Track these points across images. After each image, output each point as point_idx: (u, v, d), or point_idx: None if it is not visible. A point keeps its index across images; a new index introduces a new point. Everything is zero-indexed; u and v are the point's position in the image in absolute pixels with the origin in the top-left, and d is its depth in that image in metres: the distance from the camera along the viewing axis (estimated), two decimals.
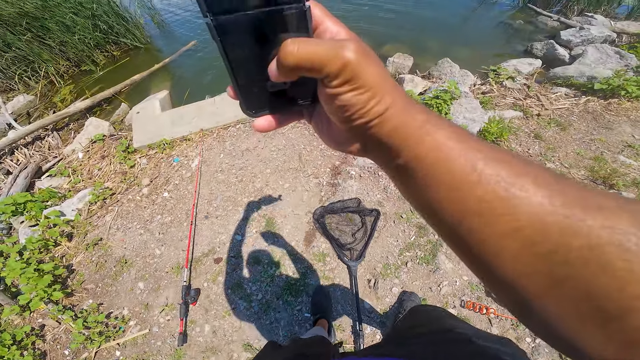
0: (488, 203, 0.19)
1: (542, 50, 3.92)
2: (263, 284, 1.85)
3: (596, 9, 5.19)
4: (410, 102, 0.24)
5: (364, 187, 2.25)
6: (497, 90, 3.14)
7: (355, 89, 0.21)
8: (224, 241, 2.08)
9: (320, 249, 1.96)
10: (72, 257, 2.15)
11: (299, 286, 1.82)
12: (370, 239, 1.93)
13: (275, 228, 2.09)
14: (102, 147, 2.90)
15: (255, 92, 0.26)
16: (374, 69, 0.22)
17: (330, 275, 1.85)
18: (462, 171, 0.20)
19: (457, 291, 1.72)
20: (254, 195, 2.29)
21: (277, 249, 1.99)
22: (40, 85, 4.18)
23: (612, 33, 4.11)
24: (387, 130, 0.23)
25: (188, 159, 2.66)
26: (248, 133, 2.80)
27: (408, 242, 1.94)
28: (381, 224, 2.03)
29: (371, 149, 0.25)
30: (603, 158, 2.31)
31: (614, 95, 2.88)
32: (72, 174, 2.72)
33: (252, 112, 0.28)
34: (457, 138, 0.22)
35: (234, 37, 0.22)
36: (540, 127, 2.67)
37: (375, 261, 1.89)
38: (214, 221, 2.19)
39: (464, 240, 0.21)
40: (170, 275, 1.97)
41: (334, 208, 2.10)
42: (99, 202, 2.43)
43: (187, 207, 2.30)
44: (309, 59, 0.20)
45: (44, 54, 4.23)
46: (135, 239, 2.18)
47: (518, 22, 5.02)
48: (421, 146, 0.22)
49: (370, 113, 0.22)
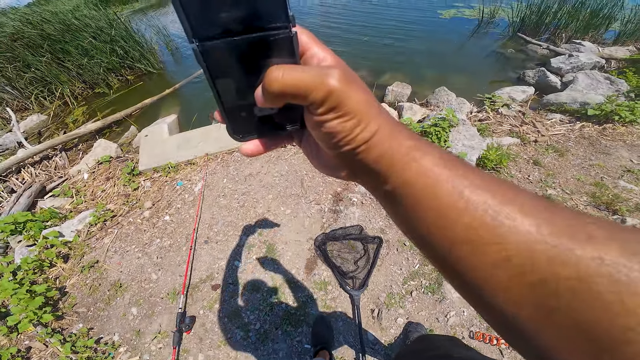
0: (476, 231, 0.19)
1: (534, 77, 4.09)
2: (262, 313, 1.78)
3: (584, 36, 5.50)
4: (398, 127, 0.24)
5: (365, 214, 2.24)
6: (494, 117, 3.23)
7: (340, 116, 0.21)
8: (222, 267, 2.03)
9: (322, 277, 1.91)
10: (66, 279, 2.10)
11: (299, 316, 1.75)
12: (373, 267, 1.88)
13: (276, 255, 2.05)
14: (108, 169, 2.94)
15: (242, 116, 0.26)
16: (359, 95, 0.22)
17: (331, 305, 1.79)
18: (449, 198, 0.21)
19: (466, 322, 1.65)
20: (255, 221, 2.28)
21: (277, 277, 1.94)
22: (55, 105, 4.35)
23: (601, 59, 4.30)
24: (373, 157, 0.23)
25: (191, 182, 2.68)
26: (252, 158, 2.84)
27: (412, 271, 1.90)
28: (384, 252, 2.00)
29: (359, 174, 0.26)
30: (604, 184, 2.32)
31: (608, 120, 2.97)
32: (75, 195, 2.73)
33: (239, 137, 0.28)
34: (444, 164, 0.22)
35: (220, 62, 0.22)
36: (539, 153, 2.71)
37: (378, 290, 1.83)
38: (213, 246, 2.16)
39: (453, 268, 0.21)
40: (166, 301, 1.90)
41: (335, 235, 2.08)
42: (99, 224, 2.42)
43: (188, 231, 2.28)
44: (293, 86, 0.21)
45: (62, 76, 4.46)
46: (132, 263, 2.14)
47: (509, 51, 5.30)
48: (408, 172, 0.22)
49: (356, 140, 0.22)
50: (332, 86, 0.20)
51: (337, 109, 0.21)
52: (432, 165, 0.22)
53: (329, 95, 0.21)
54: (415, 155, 0.22)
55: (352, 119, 0.22)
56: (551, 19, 5.67)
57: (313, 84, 0.20)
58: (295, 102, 0.22)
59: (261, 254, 2.07)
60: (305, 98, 0.21)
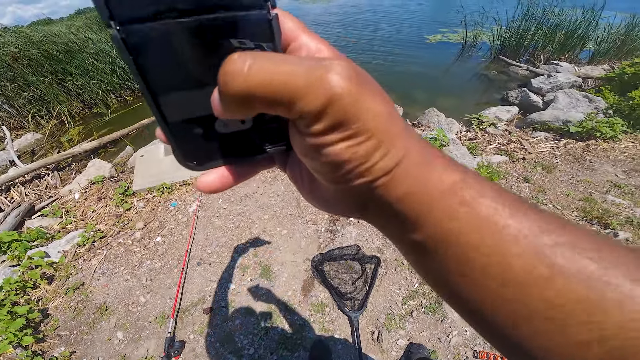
0: (562, 307, 0.14)
1: (517, 97, 4.31)
2: (256, 337, 1.70)
3: (561, 56, 5.88)
4: (432, 152, 0.18)
5: (362, 234, 2.23)
6: (482, 136, 3.36)
7: (350, 136, 0.15)
8: (215, 290, 1.96)
9: (319, 299, 1.86)
10: (49, 300, 2.00)
11: (295, 339, 1.68)
12: (371, 287, 1.85)
13: (272, 276, 2.00)
14: (100, 189, 2.90)
15: (196, 134, 0.19)
16: (378, 104, 0.15)
17: (330, 327, 1.72)
18: (523, 263, 0.15)
19: (468, 341, 1.61)
20: (250, 242, 2.24)
21: (273, 299, 1.88)
22: (51, 124, 4.36)
23: (578, 78, 4.59)
24: (398, 194, 0.16)
25: (186, 203, 2.65)
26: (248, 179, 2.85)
27: (411, 290, 1.86)
28: (382, 272, 1.97)
29: (373, 215, 0.19)
30: (592, 198, 2.39)
31: (590, 137, 3.11)
32: (65, 215, 2.66)
33: (194, 164, 0.20)
34: (510, 211, 0.16)
35: (158, 56, 0.15)
36: (527, 170, 2.79)
37: (378, 311, 1.78)
38: (206, 268, 2.10)
39: (517, 345, 0.16)
40: (154, 325, 1.81)
41: (332, 255, 2.05)
42: (87, 245, 2.34)
43: (180, 252, 2.22)
44: (270, 86, 0.13)
45: (61, 96, 4.50)
46: (120, 285, 2.05)
47: (492, 73, 5.63)
48: (454, 222, 0.16)
49: (373, 171, 0.16)
50: (337, 88, 0.13)
51: (345, 126, 0.14)
52: (493, 213, 0.16)
53: (331, 104, 0.14)
54: (464, 196, 0.16)
55: (369, 140, 0.15)
56: (529, 41, 6.11)
57: (303, 84, 0.13)
58: (274, 112, 0.15)
59: (256, 276, 2.01)
60: (290, 107, 0.14)
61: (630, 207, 2.27)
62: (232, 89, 0.13)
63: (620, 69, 4.23)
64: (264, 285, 1.95)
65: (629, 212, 2.22)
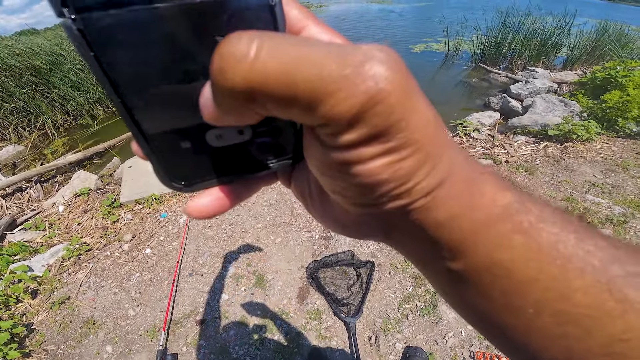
0: (628, 342, 0.12)
1: (498, 103, 4.50)
2: (251, 348, 1.67)
3: (537, 63, 6.19)
4: (475, 165, 0.15)
5: (356, 239, 2.24)
6: (467, 141, 3.48)
7: (393, 150, 0.11)
8: (208, 301, 1.92)
9: (315, 306, 1.85)
10: (33, 315, 1.92)
11: (292, 348, 1.65)
12: (367, 292, 1.85)
13: (266, 285, 1.98)
14: (85, 201, 2.81)
15: (183, 149, 0.15)
16: (426, 106, 0.12)
17: (326, 335, 1.71)
18: (589, 298, 0.13)
19: (465, 342, 1.63)
20: (243, 251, 2.22)
21: (268, 308, 1.85)
22: (34, 136, 4.21)
23: (553, 83, 4.83)
24: (438, 220, 0.14)
25: (176, 214, 2.60)
26: None
27: (406, 294, 1.88)
28: (377, 276, 1.98)
29: (401, 240, 0.16)
30: (573, 198, 2.50)
31: (568, 139, 3.27)
32: (48, 228, 2.56)
33: (181, 185, 0.16)
34: (575, 238, 0.13)
35: (126, 50, 0.12)
36: (511, 173, 2.90)
37: (374, 316, 1.78)
38: (198, 279, 2.06)
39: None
40: (144, 339, 1.75)
41: (327, 262, 2.05)
42: (72, 258, 2.26)
43: (171, 264, 2.17)
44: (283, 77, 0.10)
45: (44, 107, 4.36)
46: (108, 299, 1.98)
47: (474, 80, 5.86)
48: (506, 252, 0.13)
49: (413, 192, 0.13)
50: (384, 83, 0.10)
51: (388, 136, 0.11)
52: (555, 241, 0.13)
53: (375, 105, 0.10)
54: (521, 222, 0.13)
55: (414, 155, 0.12)
56: (507, 49, 6.41)
57: (334, 75, 0.10)
58: (287, 115, 0.11)
59: (250, 285, 1.98)
60: (311, 108, 0.10)
61: (609, 206, 2.39)
62: (231, 82, 0.10)
63: (592, 73, 4.47)
64: (259, 295, 1.92)
65: (608, 210, 2.33)
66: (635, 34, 6.26)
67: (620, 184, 2.65)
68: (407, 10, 17.35)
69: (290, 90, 0.10)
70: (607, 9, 17.17)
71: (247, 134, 0.16)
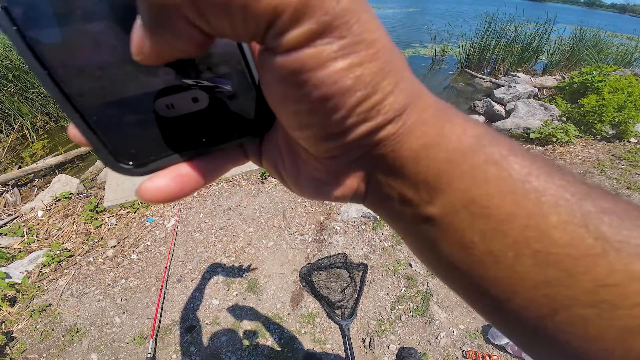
0: (615, 288, 0.12)
1: (483, 107, 4.64)
2: (244, 354, 1.63)
3: (518, 68, 6.45)
4: (441, 100, 0.15)
5: (349, 242, 2.25)
6: None
7: (348, 48, 0.11)
8: (198, 307, 1.87)
9: (309, 310, 1.83)
10: (12, 323, 1.83)
11: (286, 353, 1.63)
12: (360, 294, 1.86)
13: (259, 290, 1.95)
14: (66, 206, 2.68)
15: (128, 123, 0.14)
16: (371, 10, 0.11)
17: (321, 338, 1.70)
18: (568, 235, 0.12)
19: (457, 341, 1.66)
20: (234, 256, 2.17)
21: (261, 313, 1.82)
22: (11, 138, 4.00)
23: (534, 88, 5.02)
24: (413, 148, 0.13)
25: (164, 219, 2.53)
26: (231, 192, 2.79)
27: (399, 295, 1.90)
28: (370, 278, 1.99)
29: (378, 190, 0.15)
30: None
31: (548, 142, 3.39)
32: (26, 234, 2.43)
33: (130, 166, 0.15)
34: (546, 171, 0.13)
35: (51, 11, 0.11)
36: None
37: (368, 318, 1.79)
38: (188, 285, 2.00)
39: (550, 336, 0.13)
40: (131, 347, 1.69)
41: (320, 265, 2.05)
42: (53, 265, 2.16)
43: (158, 270, 2.10)
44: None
45: (23, 108, 4.15)
46: (92, 306, 1.90)
47: (460, 85, 6.03)
48: (482, 186, 0.13)
49: (383, 108, 0.12)
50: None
51: (340, 31, 0.10)
52: (527, 174, 0.13)
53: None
54: (493, 152, 0.13)
55: (373, 62, 0.11)
56: (491, 54, 6.64)
57: None
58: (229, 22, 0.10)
59: (242, 290, 1.95)
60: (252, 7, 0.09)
61: None
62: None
63: (570, 78, 4.67)
64: (251, 300, 1.89)
65: None
66: (610, 40, 6.62)
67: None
68: (396, 15, 17.70)
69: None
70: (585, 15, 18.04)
71: (202, 102, 0.14)
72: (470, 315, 1.77)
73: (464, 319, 1.76)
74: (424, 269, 2.03)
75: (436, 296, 1.87)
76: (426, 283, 1.94)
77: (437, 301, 1.84)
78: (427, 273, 2.00)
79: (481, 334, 1.68)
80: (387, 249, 2.18)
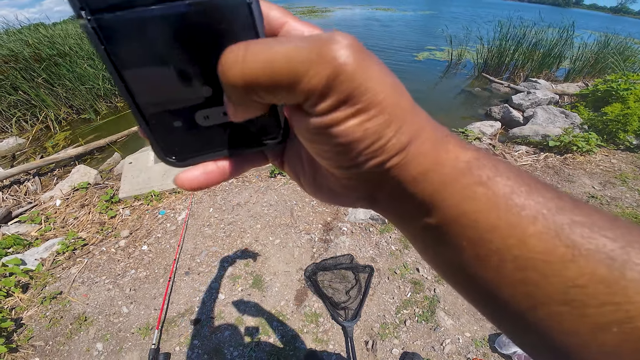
0: (583, 289, 0.14)
1: (500, 113, 4.52)
2: (246, 349, 1.64)
3: (539, 74, 6.24)
4: (441, 129, 0.17)
5: (356, 243, 2.23)
6: None
7: (361, 111, 0.14)
8: (204, 300, 1.90)
9: (313, 309, 1.82)
10: (23, 310, 1.89)
11: (288, 351, 1.63)
12: (365, 296, 1.83)
13: (263, 286, 1.96)
14: (83, 196, 2.79)
15: (177, 127, 0.18)
16: (382, 74, 0.14)
17: (323, 338, 1.69)
18: (542, 244, 0.14)
19: (462, 349, 1.61)
20: (242, 251, 2.19)
21: (265, 309, 1.83)
22: (35, 129, 4.20)
23: (555, 95, 4.85)
24: (413, 174, 0.16)
25: (175, 211, 2.59)
26: (240, 187, 2.82)
27: (404, 299, 1.86)
28: (375, 281, 1.97)
29: (384, 201, 0.18)
30: None
31: (568, 150, 3.27)
32: (44, 222, 2.53)
33: (173, 160, 0.19)
34: (526, 190, 0.15)
35: (131, 45, 0.15)
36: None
37: (371, 320, 1.76)
38: (195, 278, 2.04)
39: (532, 329, 0.15)
40: (137, 337, 1.72)
41: (326, 265, 2.04)
42: (67, 253, 2.23)
43: (167, 262, 2.15)
44: (268, 67, 0.13)
45: (49, 100, 4.35)
46: (101, 295, 1.95)
47: (476, 89, 5.90)
48: (470, 203, 0.15)
49: (386, 149, 0.15)
50: (342, 57, 0.13)
51: (354, 100, 0.14)
52: (510, 192, 0.15)
53: (338, 76, 0.13)
54: (480, 175, 0.15)
55: (380, 115, 0.14)
56: (510, 59, 6.47)
57: (305, 59, 0.13)
58: (277, 99, 0.14)
59: (247, 286, 1.96)
60: (293, 88, 0.13)
61: None
62: (232, 80, 0.14)
63: (594, 86, 4.50)
64: (256, 296, 1.90)
65: None
66: (638, 47, 6.33)
67: (618, 196, 2.65)
68: (411, 18, 17.54)
69: (272, 78, 0.13)
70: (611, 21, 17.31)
71: None
72: (478, 324, 1.71)
73: (471, 327, 1.71)
74: (431, 274, 1.99)
75: (443, 302, 1.82)
76: (433, 289, 1.90)
77: (444, 307, 1.79)
78: (434, 279, 1.96)
79: (487, 343, 1.63)
80: (394, 253, 2.15)
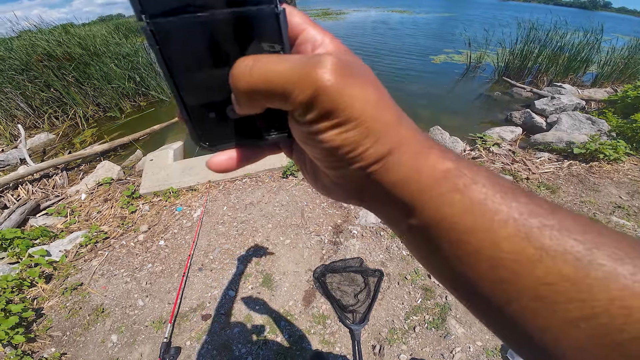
0: (551, 287, 0.15)
1: (521, 118, 4.34)
2: (254, 347, 1.67)
3: (564, 79, 5.96)
4: (427, 142, 0.19)
5: (366, 247, 2.22)
6: (486, 155, 3.38)
7: (340, 124, 0.16)
8: (215, 296, 1.95)
9: (320, 310, 1.83)
10: (44, 300, 1.99)
11: (294, 351, 1.64)
12: (374, 301, 1.81)
13: (273, 285, 1.98)
14: (107, 191, 2.93)
15: (211, 118, 0.21)
16: (365, 93, 0.16)
17: (330, 340, 1.69)
18: (513, 245, 0.15)
19: (472, 358, 1.57)
20: (253, 250, 2.24)
21: (273, 308, 1.85)
22: (65, 125, 4.45)
23: (581, 100, 4.61)
24: (392, 181, 0.18)
25: (191, 208, 2.67)
26: (254, 187, 2.88)
27: (414, 305, 1.83)
28: (385, 286, 1.95)
29: (371, 200, 0.20)
30: (597, 219, 2.37)
31: (594, 158, 3.12)
32: (69, 215, 2.68)
33: (206, 145, 0.22)
34: (501, 196, 0.16)
35: (180, 46, 0.18)
36: (531, 190, 2.79)
37: (380, 325, 1.75)
38: (208, 274, 2.09)
39: (507, 323, 0.17)
40: (150, 330, 1.79)
41: (335, 267, 2.03)
42: (89, 245, 2.35)
43: (182, 257, 2.22)
44: (266, 83, 0.16)
45: (78, 98, 4.62)
46: (119, 287, 2.04)
47: (496, 94, 5.71)
48: (447, 208, 0.17)
49: (365, 157, 0.17)
50: (321, 82, 0.15)
51: (333, 115, 0.16)
52: (484, 199, 0.16)
53: (318, 95, 0.15)
54: (457, 183, 0.17)
55: (357, 128, 0.16)
56: (533, 63, 6.22)
57: (294, 80, 0.16)
58: (275, 105, 0.17)
59: (257, 284, 1.99)
60: (285, 100, 0.16)
61: (634, 229, 2.26)
62: (240, 87, 0.17)
63: (623, 92, 4.28)
64: (265, 294, 1.93)
65: (632, 233, 2.21)
66: None
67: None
68: (428, 20, 17.28)
69: (271, 90, 0.16)
70: None
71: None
72: (490, 333, 1.66)
73: (483, 336, 1.66)
74: None
75: (454, 310, 1.78)
76: (445, 296, 1.86)
77: (455, 315, 1.75)
78: None
79: (499, 352, 1.58)
80: (405, 258, 2.12)
